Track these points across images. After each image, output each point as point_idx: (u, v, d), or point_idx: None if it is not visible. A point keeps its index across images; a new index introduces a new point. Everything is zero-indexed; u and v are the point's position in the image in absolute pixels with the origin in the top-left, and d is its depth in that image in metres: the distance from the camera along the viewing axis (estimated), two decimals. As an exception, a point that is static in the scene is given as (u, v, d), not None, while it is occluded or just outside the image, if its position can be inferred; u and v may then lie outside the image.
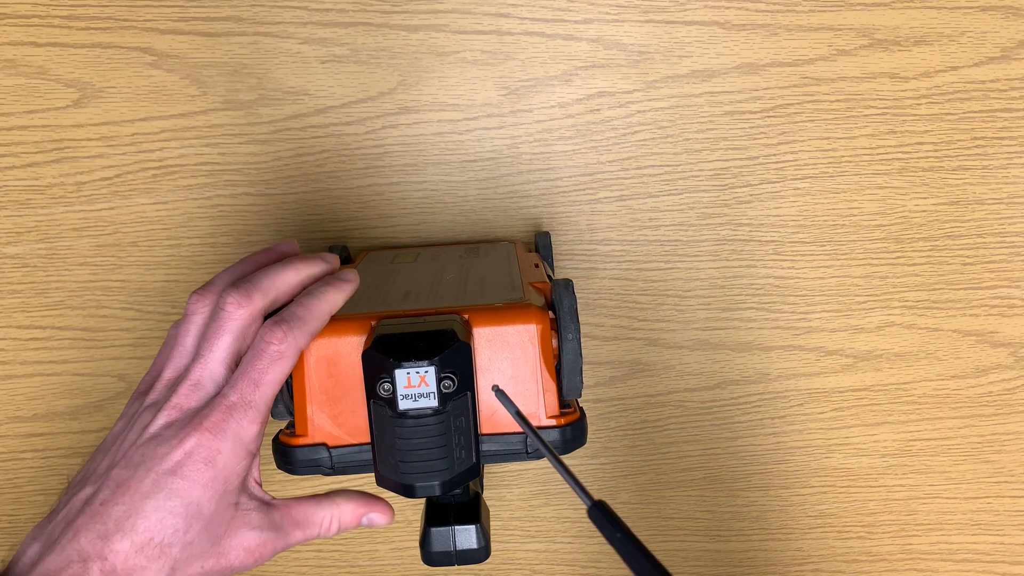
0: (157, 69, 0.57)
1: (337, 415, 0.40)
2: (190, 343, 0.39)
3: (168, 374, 0.38)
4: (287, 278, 0.40)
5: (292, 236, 0.60)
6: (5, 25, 0.56)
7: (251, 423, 0.36)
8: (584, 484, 0.62)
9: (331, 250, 0.56)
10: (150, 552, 0.34)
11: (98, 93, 0.57)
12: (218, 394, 0.37)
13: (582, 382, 0.40)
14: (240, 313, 0.37)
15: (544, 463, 0.64)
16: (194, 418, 0.36)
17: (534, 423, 0.40)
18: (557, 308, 0.41)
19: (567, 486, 0.64)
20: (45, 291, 0.60)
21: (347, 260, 0.57)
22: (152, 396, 0.38)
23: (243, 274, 0.40)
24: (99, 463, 0.37)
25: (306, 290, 0.40)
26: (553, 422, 0.40)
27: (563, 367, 0.40)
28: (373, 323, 0.40)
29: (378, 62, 0.57)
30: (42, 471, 0.63)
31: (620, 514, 0.64)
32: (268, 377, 0.37)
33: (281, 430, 0.42)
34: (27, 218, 0.59)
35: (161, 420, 0.36)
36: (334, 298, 0.40)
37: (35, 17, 0.56)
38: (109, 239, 0.60)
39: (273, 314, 0.39)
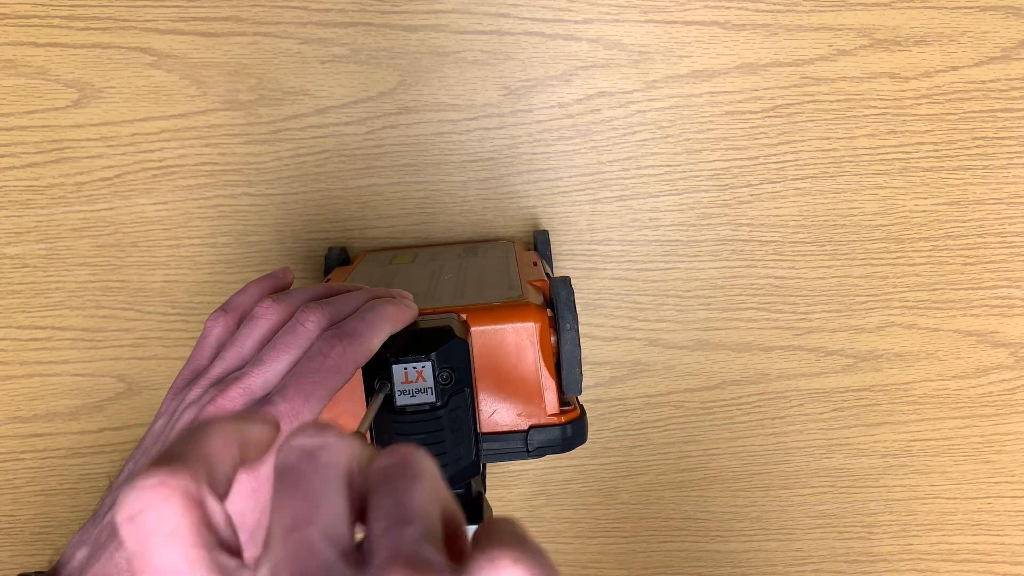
0: (157, 69, 0.57)
1: (336, 417, 0.40)
2: (250, 346, 0.37)
3: (215, 372, 0.37)
4: (363, 304, 0.38)
5: (292, 236, 0.60)
6: (5, 25, 0.56)
7: None
8: (584, 485, 0.63)
9: (331, 251, 0.56)
10: None
11: (98, 93, 0.57)
12: (265, 400, 0.35)
13: (582, 375, 0.40)
14: (317, 334, 0.36)
15: (544, 463, 0.64)
16: None
17: (534, 421, 0.40)
18: (555, 301, 0.41)
19: (568, 486, 0.64)
20: (45, 291, 0.60)
21: (346, 261, 0.57)
22: (194, 393, 0.37)
23: (319, 297, 0.39)
24: (141, 465, 0.36)
25: (368, 304, 0.38)
26: (554, 420, 0.40)
27: (562, 359, 0.40)
28: None
29: (378, 62, 0.57)
30: (42, 471, 0.63)
31: (620, 514, 0.64)
32: (320, 391, 0.35)
33: None
34: (27, 218, 0.59)
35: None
36: (396, 315, 0.38)
37: (35, 17, 0.56)
38: (109, 239, 0.60)
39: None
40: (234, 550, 0.20)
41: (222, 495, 0.21)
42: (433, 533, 0.20)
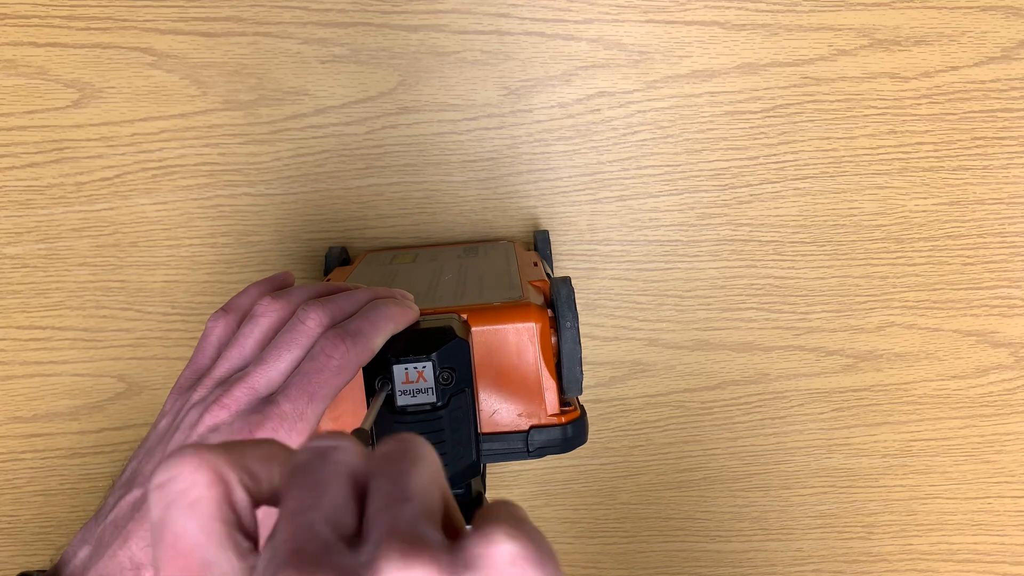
0: (157, 69, 0.57)
1: (337, 417, 0.40)
2: (251, 345, 0.37)
3: (218, 372, 0.37)
4: (364, 303, 0.39)
5: (292, 236, 0.60)
6: (5, 25, 0.56)
7: (298, 436, 0.35)
8: (583, 485, 0.63)
9: (331, 251, 0.56)
10: None
11: (98, 93, 0.57)
12: (269, 400, 0.35)
13: (582, 374, 0.40)
14: (318, 332, 0.36)
15: (544, 463, 0.64)
16: (241, 424, 0.35)
17: (535, 422, 0.40)
18: (555, 300, 0.41)
19: (568, 486, 0.64)
20: (45, 291, 0.60)
21: (346, 261, 0.57)
22: (198, 393, 0.37)
23: (319, 295, 0.39)
24: (145, 464, 0.36)
25: (370, 304, 0.38)
26: (554, 420, 0.40)
27: (562, 357, 0.40)
28: None
29: (378, 62, 0.57)
30: (42, 471, 0.63)
31: (620, 514, 0.64)
32: (323, 392, 0.35)
33: None
34: (27, 218, 0.59)
35: (208, 421, 0.35)
36: (398, 315, 0.38)
37: (35, 17, 0.56)
38: (109, 239, 0.60)
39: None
40: (251, 537, 0.21)
41: (254, 492, 0.22)
42: (431, 512, 0.20)
